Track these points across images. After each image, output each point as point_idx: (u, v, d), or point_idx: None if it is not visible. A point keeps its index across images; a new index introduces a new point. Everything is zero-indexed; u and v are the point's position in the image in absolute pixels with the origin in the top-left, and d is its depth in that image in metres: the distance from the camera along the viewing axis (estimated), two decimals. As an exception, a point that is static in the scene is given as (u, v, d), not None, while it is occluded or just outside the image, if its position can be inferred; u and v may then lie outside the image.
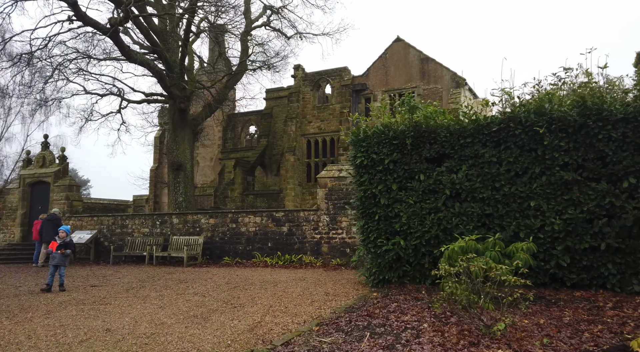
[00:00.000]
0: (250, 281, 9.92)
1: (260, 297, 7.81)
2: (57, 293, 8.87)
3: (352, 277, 10.32)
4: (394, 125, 8.45)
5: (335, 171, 13.50)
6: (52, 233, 14.18)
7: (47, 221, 14.86)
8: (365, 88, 25.21)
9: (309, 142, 27.13)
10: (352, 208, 12.99)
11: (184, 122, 22.95)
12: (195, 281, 10.26)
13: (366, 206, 8.53)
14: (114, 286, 9.72)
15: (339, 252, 13.13)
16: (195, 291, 8.73)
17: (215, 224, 15.10)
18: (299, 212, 13.97)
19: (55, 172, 18.23)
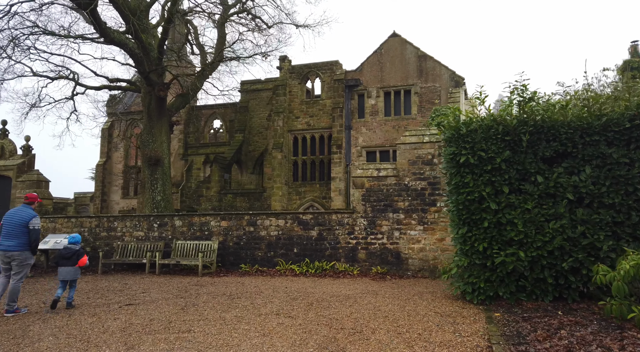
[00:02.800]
0: (310, 294, 8.46)
1: (361, 318, 6.44)
2: (127, 323, 6.93)
3: (423, 289, 9.18)
4: (505, 119, 7.39)
5: (373, 170, 12.28)
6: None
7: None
8: (358, 84, 24.16)
9: (295, 139, 25.65)
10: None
11: (161, 112, 20.69)
12: (242, 294, 8.61)
13: (471, 211, 7.40)
14: (153, 303, 7.87)
15: (378, 259, 11.92)
16: (269, 309, 7.16)
17: (229, 227, 13.34)
18: (330, 214, 12.60)
19: (18, 165, 15.50)
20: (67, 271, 7.81)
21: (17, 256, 7.23)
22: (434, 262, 11.42)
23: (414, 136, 12.04)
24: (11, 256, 7.21)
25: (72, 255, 7.89)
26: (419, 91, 23.17)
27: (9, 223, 7.31)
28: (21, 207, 7.60)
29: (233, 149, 29.48)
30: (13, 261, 7.24)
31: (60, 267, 7.85)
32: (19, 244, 7.23)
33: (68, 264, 7.83)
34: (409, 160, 11.92)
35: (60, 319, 6.90)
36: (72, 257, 7.88)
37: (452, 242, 11.26)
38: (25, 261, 7.35)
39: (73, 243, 8.08)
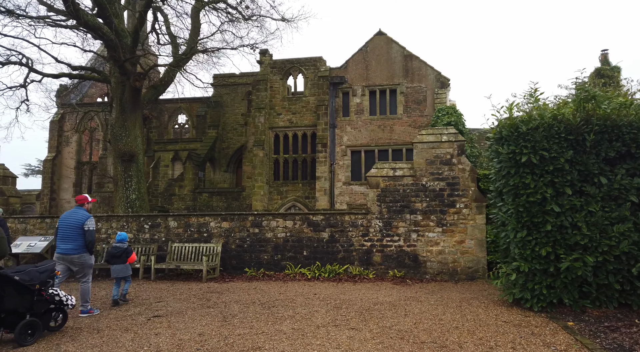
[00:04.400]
0: (347, 302, 7.80)
1: (432, 330, 5.88)
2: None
3: (463, 294, 8.76)
4: (567, 117, 7.08)
5: (389, 169, 11.79)
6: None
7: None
8: (343, 81, 23.67)
9: (277, 136, 24.76)
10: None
11: (135, 104, 19.27)
12: (274, 302, 7.79)
13: (532, 214, 7.04)
14: (183, 314, 6.91)
15: (395, 262, 11.44)
16: (322, 319, 6.42)
17: (230, 229, 12.39)
18: (343, 215, 11.97)
19: (-16, 158, 13.70)
20: (119, 268, 8.23)
21: (77, 260, 7.17)
22: (453, 265, 11.09)
23: (431, 135, 11.67)
24: (70, 259, 7.13)
25: (122, 253, 8.32)
26: (405, 91, 23.00)
27: (64, 226, 7.22)
28: (75, 210, 7.44)
29: (207, 145, 28.12)
30: (72, 265, 7.17)
31: (113, 266, 8.26)
32: (76, 247, 7.12)
33: (119, 262, 8.26)
34: (426, 160, 11.53)
35: (91, 336, 5.88)
36: (122, 256, 8.31)
37: (472, 245, 11.06)
38: (86, 263, 7.28)
39: (121, 241, 8.46)
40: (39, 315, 5.74)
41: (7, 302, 5.36)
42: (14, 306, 5.42)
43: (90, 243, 7.20)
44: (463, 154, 11.38)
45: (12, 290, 5.44)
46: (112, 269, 8.34)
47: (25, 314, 5.57)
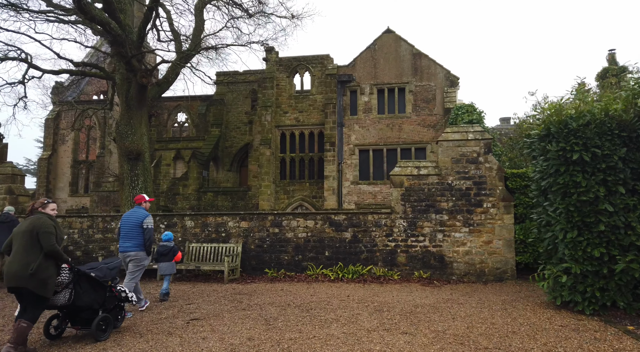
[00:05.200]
0: (385, 304, 7.50)
1: (490, 334, 5.61)
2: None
3: (500, 296, 8.52)
4: (620, 113, 6.86)
5: (413, 168, 11.53)
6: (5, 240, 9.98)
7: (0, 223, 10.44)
8: (351, 79, 23.40)
9: (283, 135, 24.42)
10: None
11: (141, 101, 18.83)
12: (309, 305, 7.47)
13: (583, 213, 6.81)
14: (221, 317, 6.57)
15: (420, 263, 11.18)
16: (368, 323, 6.12)
17: (250, 229, 12.06)
18: (366, 215, 11.69)
19: (-11, 156, 13.26)
20: (165, 266, 8.75)
21: (134, 256, 7.34)
22: (480, 266, 10.86)
23: (456, 133, 11.43)
24: (128, 256, 7.33)
25: (169, 251, 8.83)
26: (414, 89, 22.78)
27: (125, 225, 7.45)
28: (135, 209, 7.69)
29: (210, 144, 27.73)
30: (130, 261, 7.35)
31: (160, 264, 8.86)
32: (136, 245, 7.35)
33: (165, 260, 8.77)
34: (451, 158, 11.29)
35: (136, 340, 5.55)
36: (169, 254, 8.82)
37: (500, 245, 10.83)
38: (141, 261, 7.41)
39: (167, 241, 8.93)
40: (109, 311, 5.85)
41: (84, 298, 5.46)
42: (90, 302, 5.52)
43: (149, 241, 7.39)
44: (490, 153, 11.15)
45: (88, 286, 5.56)
46: (159, 266, 9.06)
47: (98, 310, 5.65)
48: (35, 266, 4.95)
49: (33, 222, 5.22)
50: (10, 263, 5.05)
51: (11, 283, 4.99)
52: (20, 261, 4.98)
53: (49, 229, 5.17)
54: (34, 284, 4.92)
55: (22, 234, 5.16)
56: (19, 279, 4.93)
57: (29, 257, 5.00)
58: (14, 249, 5.14)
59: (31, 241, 5.09)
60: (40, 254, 5.05)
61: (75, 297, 5.39)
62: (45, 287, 5.01)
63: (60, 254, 5.22)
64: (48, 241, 5.10)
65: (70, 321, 5.68)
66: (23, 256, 5.01)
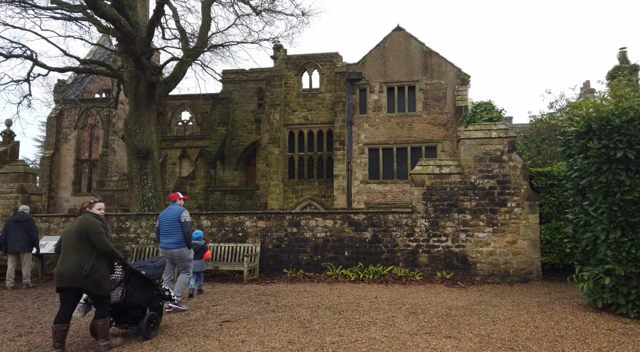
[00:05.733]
0: (417, 306, 7.27)
1: (539, 339, 5.40)
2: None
3: (533, 298, 8.29)
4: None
5: (434, 167, 11.31)
6: (22, 240, 9.80)
7: (14, 223, 10.21)
8: (360, 77, 23.17)
9: (292, 134, 24.19)
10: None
11: (150, 99, 18.60)
12: (338, 306, 7.24)
13: (628, 213, 6.60)
14: (252, 319, 6.34)
15: (442, 264, 10.96)
16: (406, 326, 5.89)
17: (267, 228, 11.83)
18: (386, 214, 11.47)
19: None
20: (196, 264, 8.67)
21: (177, 254, 7.44)
22: (505, 267, 10.64)
23: (479, 131, 11.21)
24: (171, 253, 7.42)
25: (199, 249, 8.90)
26: (424, 88, 22.56)
27: (165, 221, 7.52)
28: (170, 206, 7.77)
29: (217, 143, 27.48)
30: (173, 259, 7.48)
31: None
32: (177, 241, 7.40)
33: (196, 258, 8.70)
34: (474, 157, 11.07)
35: (173, 343, 5.34)
36: (199, 252, 8.88)
37: (525, 245, 10.61)
38: (185, 257, 7.52)
39: (197, 239, 9.05)
40: (155, 309, 5.84)
41: (135, 296, 5.52)
42: (140, 300, 5.56)
43: (188, 234, 7.45)
44: (514, 151, 10.94)
45: (139, 284, 5.60)
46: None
47: (146, 308, 5.69)
48: (88, 267, 4.97)
49: (82, 223, 5.20)
50: (62, 264, 5.05)
51: (64, 283, 4.99)
52: (73, 262, 4.98)
53: (99, 229, 5.16)
54: (89, 284, 4.98)
55: (72, 235, 5.15)
56: (74, 279, 4.96)
57: (81, 259, 5.00)
58: (64, 250, 5.13)
59: (82, 242, 5.09)
60: (93, 255, 5.07)
61: (127, 295, 5.44)
62: (101, 286, 5.06)
63: (115, 252, 5.27)
64: (101, 241, 5.11)
65: (116, 320, 5.65)
66: (75, 257, 5.02)
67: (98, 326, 5.11)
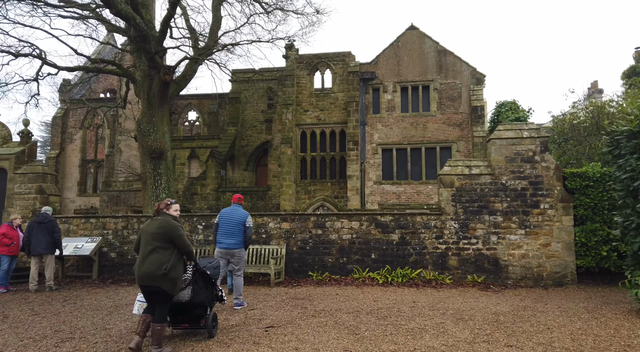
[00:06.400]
0: (461, 312, 7.02)
1: (604, 349, 5.15)
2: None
3: (571, 304, 8.03)
4: None
5: (463, 167, 11.05)
6: (45, 242, 9.55)
7: (37, 224, 9.95)
8: (374, 77, 22.91)
9: (304, 134, 23.94)
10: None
11: (163, 99, 18.32)
12: (379, 311, 6.98)
13: (686, 215, 6.34)
14: (296, 325, 6.08)
15: (473, 267, 10.70)
16: (461, 334, 5.63)
17: (291, 230, 11.58)
18: (414, 216, 11.21)
19: (17, 155, 12.76)
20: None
21: (237, 253, 7.68)
22: (538, 270, 10.38)
23: (510, 131, 10.96)
24: (232, 253, 7.63)
25: None
26: (439, 87, 22.31)
27: (228, 222, 7.67)
28: (233, 207, 7.94)
29: (227, 143, 27.19)
30: (232, 258, 7.66)
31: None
32: (238, 242, 7.65)
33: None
34: (505, 157, 10.81)
35: (225, 351, 5.05)
36: None
37: (558, 248, 10.35)
38: (242, 257, 7.78)
39: None
40: (211, 309, 5.91)
41: (201, 295, 5.61)
42: (203, 299, 5.65)
43: (249, 239, 7.81)
44: (546, 151, 10.68)
45: (203, 284, 5.71)
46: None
47: (207, 307, 5.76)
48: (168, 266, 5.08)
49: (162, 224, 5.30)
50: (142, 263, 5.14)
51: (145, 282, 5.10)
52: (153, 261, 5.08)
53: (180, 231, 5.32)
54: (167, 283, 5.06)
55: (152, 235, 5.23)
56: (154, 278, 5.04)
57: (161, 258, 5.10)
58: (143, 250, 5.21)
59: (163, 242, 5.18)
60: (172, 255, 5.18)
61: (194, 295, 5.54)
62: (175, 286, 5.17)
63: (193, 254, 5.49)
64: (183, 242, 5.28)
65: (174, 321, 5.69)
66: (156, 256, 5.11)
67: (155, 330, 5.05)
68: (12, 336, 5.82)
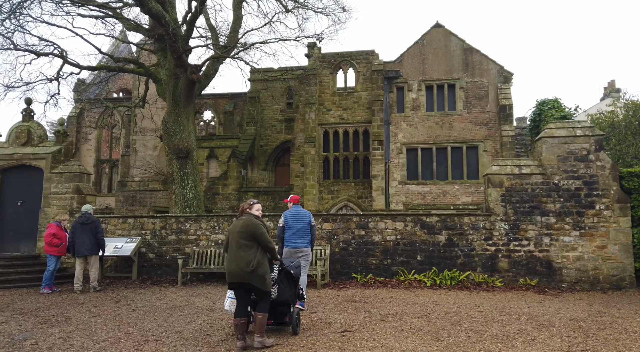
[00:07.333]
0: (535, 318, 6.68)
1: None
2: None
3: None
4: None
5: (513, 167, 10.71)
6: (89, 243, 9.32)
7: (80, 225, 9.71)
8: (398, 75, 22.58)
9: (326, 133, 23.64)
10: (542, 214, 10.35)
11: (189, 98, 18.14)
12: (445, 316, 6.66)
13: None
14: (371, 330, 5.78)
15: (524, 269, 10.35)
16: (552, 342, 5.31)
17: (333, 231, 11.28)
18: (461, 217, 10.89)
19: (53, 154, 12.51)
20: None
21: (306, 252, 7.81)
22: (594, 273, 10.03)
23: (562, 129, 10.61)
24: (302, 251, 7.74)
25: None
26: (465, 86, 21.94)
27: (296, 223, 7.76)
28: (296, 208, 8.05)
29: (247, 143, 26.94)
30: (302, 256, 7.70)
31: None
32: (307, 241, 7.80)
33: None
34: (557, 156, 10.46)
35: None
36: None
37: (615, 250, 9.98)
38: (309, 256, 7.93)
39: None
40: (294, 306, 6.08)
41: (285, 293, 5.80)
42: (287, 297, 5.84)
43: (314, 237, 7.97)
44: (602, 150, 10.33)
45: (287, 283, 5.90)
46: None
47: (290, 305, 5.94)
48: (254, 263, 5.27)
49: (245, 223, 5.52)
50: (231, 261, 5.38)
51: (235, 279, 5.34)
52: (241, 259, 5.29)
53: (261, 230, 5.50)
54: (256, 279, 5.27)
55: (238, 234, 5.44)
56: (243, 275, 5.26)
57: (248, 255, 5.31)
58: (232, 248, 5.43)
59: (248, 240, 5.39)
60: (257, 252, 5.38)
61: (279, 293, 5.73)
62: (265, 281, 5.35)
63: (275, 251, 5.68)
64: (265, 240, 5.47)
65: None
66: (242, 254, 5.32)
67: (257, 319, 5.29)
68: (85, 338, 5.57)
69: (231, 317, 6.03)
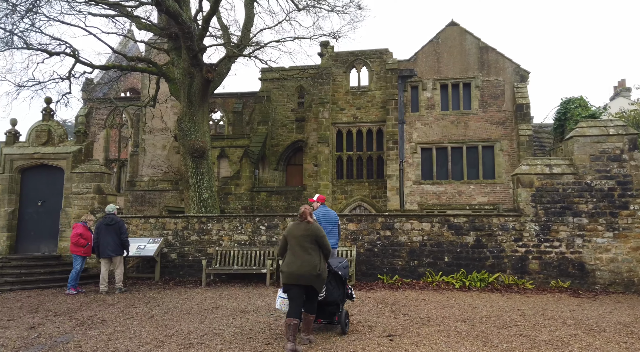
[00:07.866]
0: (581, 322, 6.48)
1: None
2: None
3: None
4: None
5: (543, 166, 10.48)
6: (113, 244, 9.16)
7: (105, 226, 9.55)
8: (412, 74, 22.34)
9: (339, 132, 23.43)
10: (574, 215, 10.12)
11: (204, 97, 18.00)
12: (486, 320, 6.46)
13: None
14: (415, 334, 5.58)
15: (556, 271, 10.13)
16: (612, 349, 5.13)
17: (358, 231, 11.08)
18: (490, 217, 10.67)
19: (74, 153, 12.36)
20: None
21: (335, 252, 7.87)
22: (628, 275, 9.79)
23: (594, 127, 10.37)
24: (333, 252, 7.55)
25: None
26: (480, 85, 21.69)
27: (328, 223, 7.57)
28: (324, 208, 7.95)
29: (258, 142, 26.75)
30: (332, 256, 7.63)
31: None
32: (337, 241, 7.84)
33: None
34: (590, 156, 10.23)
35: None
36: None
37: (650, 252, 9.74)
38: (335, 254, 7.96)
39: None
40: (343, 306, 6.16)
41: (334, 293, 5.89)
42: (336, 297, 5.93)
43: (339, 236, 8.10)
44: (635, 149, 10.09)
45: (336, 284, 5.96)
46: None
47: (339, 305, 6.02)
48: (320, 267, 5.40)
49: (308, 227, 5.59)
50: (293, 264, 5.39)
51: (299, 281, 5.35)
52: (308, 263, 5.35)
53: (323, 233, 5.62)
54: (318, 283, 5.40)
55: (302, 238, 5.51)
56: (308, 278, 5.33)
57: (314, 260, 5.40)
58: (295, 251, 5.45)
59: (312, 244, 5.47)
60: (321, 256, 5.50)
61: (328, 293, 5.83)
62: (322, 284, 5.55)
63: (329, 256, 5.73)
64: (327, 244, 5.56)
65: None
66: (308, 258, 5.38)
67: (308, 319, 5.48)
68: (127, 341, 5.42)
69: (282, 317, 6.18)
